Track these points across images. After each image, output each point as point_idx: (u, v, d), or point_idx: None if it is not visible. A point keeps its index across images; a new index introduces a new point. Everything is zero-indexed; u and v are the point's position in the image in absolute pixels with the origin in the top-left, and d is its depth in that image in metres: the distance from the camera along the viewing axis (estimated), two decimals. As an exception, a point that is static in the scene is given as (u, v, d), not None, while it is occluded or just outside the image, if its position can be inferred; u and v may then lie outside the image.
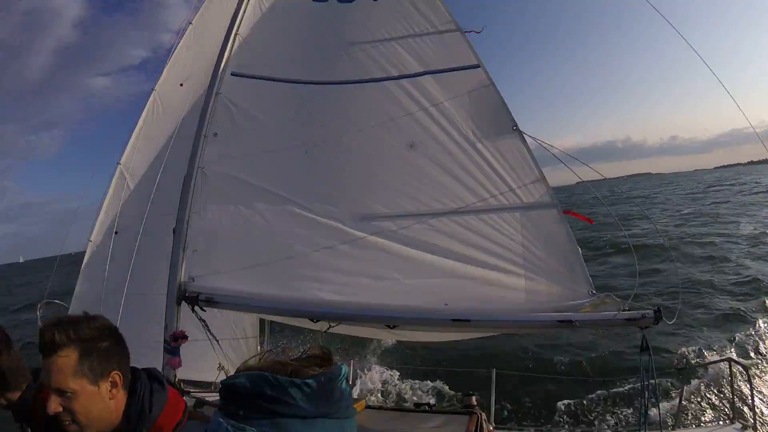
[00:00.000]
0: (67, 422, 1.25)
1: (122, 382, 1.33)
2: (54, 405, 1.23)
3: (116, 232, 3.47)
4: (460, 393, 4.05)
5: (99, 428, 1.31)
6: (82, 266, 4.07)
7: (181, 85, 3.69)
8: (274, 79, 2.96)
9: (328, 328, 2.73)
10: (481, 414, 2.94)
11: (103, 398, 1.29)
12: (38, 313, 3.67)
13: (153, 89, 3.70)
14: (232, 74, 2.96)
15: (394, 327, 2.59)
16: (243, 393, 0.78)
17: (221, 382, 0.95)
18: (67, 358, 1.24)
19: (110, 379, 1.30)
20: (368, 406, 3.22)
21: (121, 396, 1.33)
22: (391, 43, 2.95)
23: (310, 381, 0.78)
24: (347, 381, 0.87)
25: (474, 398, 3.24)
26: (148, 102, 3.65)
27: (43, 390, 1.32)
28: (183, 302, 2.80)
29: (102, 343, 1.29)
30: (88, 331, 1.28)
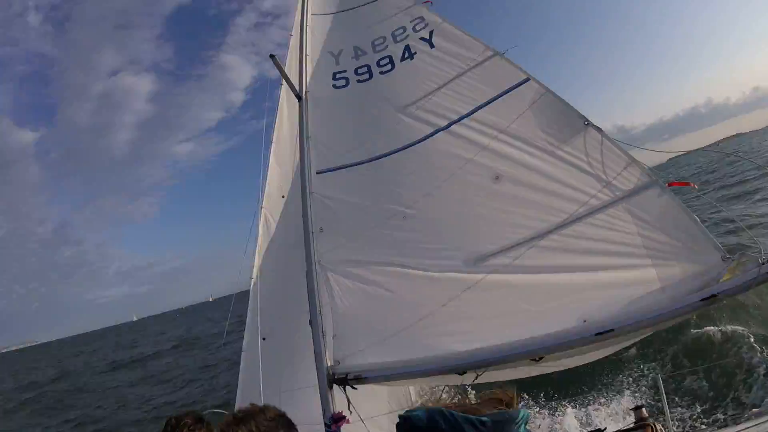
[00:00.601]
0: None
1: None
2: None
3: (263, 339, 3.85)
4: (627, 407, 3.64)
5: None
6: (240, 375, 4.54)
7: (283, 197, 4.19)
8: (352, 165, 3.25)
9: (476, 378, 2.69)
10: (655, 425, 2.74)
11: None
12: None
13: (261, 207, 4.24)
14: (318, 173, 3.31)
15: (539, 359, 2.49)
16: (419, 426, 0.84)
17: (401, 414, 1.02)
18: None
19: None
20: None
21: None
22: (441, 92, 3.11)
23: (485, 419, 0.81)
24: (526, 426, 0.87)
25: (643, 410, 3.05)
26: (261, 220, 4.18)
27: None
28: (334, 385, 3.00)
29: (279, 431, 1.47)
30: (265, 423, 1.47)
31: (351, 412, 2.97)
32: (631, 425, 3.07)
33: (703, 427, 5.04)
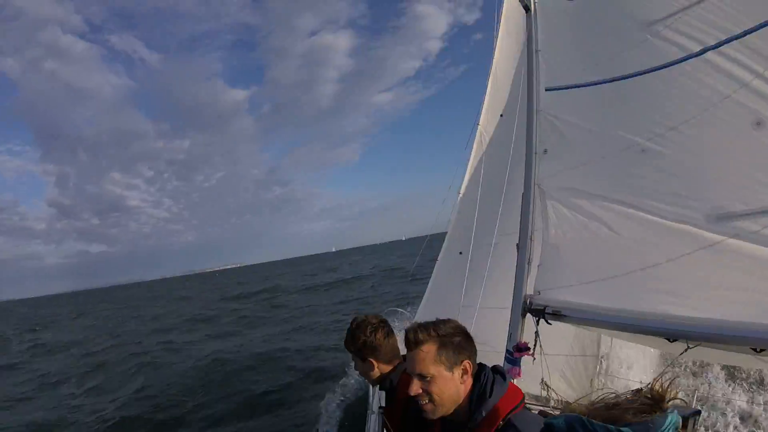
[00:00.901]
0: (425, 401, 1.57)
1: (471, 370, 1.61)
2: (416, 387, 1.57)
3: (460, 253, 3.97)
4: None
5: (448, 407, 1.59)
6: (430, 283, 4.85)
7: (501, 115, 4.00)
8: (586, 85, 2.82)
9: (685, 351, 2.27)
10: None
11: (455, 382, 1.58)
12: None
13: (477, 124, 4.16)
14: (546, 90, 2.99)
15: (761, 351, 1.95)
16: None
17: (544, 421, 1.02)
18: (428, 350, 1.56)
19: (462, 367, 1.58)
20: None
21: (468, 382, 1.60)
22: (698, 8, 2.34)
23: (625, 429, 0.76)
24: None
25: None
26: (476, 137, 4.12)
27: (406, 376, 1.76)
28: (528, 315, 2.92)
29: (455, 338, 1.60)
30: (444, 329, 1.60)
31: (537, 346, 2.88)
32: None
33: None
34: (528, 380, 3.35)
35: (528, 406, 3.04)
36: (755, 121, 2.05)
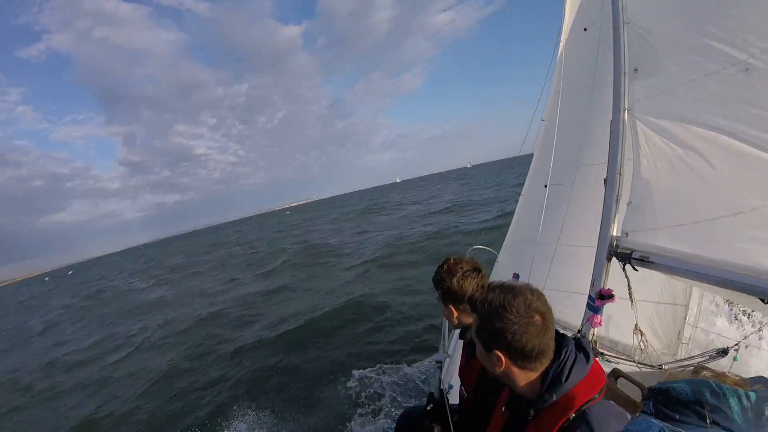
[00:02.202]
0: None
1: (506, 362, 1.41)
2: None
3: (546, 186, 3.67)
4: None
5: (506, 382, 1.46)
6: (513, 219, 4.63)
7: (585, 29, 3.40)
8: None
9: None
10: None
11: (492, 364, 1.44)
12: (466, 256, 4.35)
13: (558, 42, 3.62)
14: None
15: None
16: (681, 399, 0.80)
17: (654, 387, 0.96)
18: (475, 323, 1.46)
19: (495, 355, 1.41)
20: None
21: (512, 369, 1.41)
22: None
23: (751, 393, 0.72)
24: None
25: None
26: (558, 55, 3.61)
27: None
28: (613, 258, 2.66)
29: (493, 325, 1.40)
30: (486, 312, 1.42)
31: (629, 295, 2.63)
32: None
33: None
34: (611, 328, 3.15)
35: (608, 357, 2.90)
36: None
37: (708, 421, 0.76)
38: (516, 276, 3.75)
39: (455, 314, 2.25)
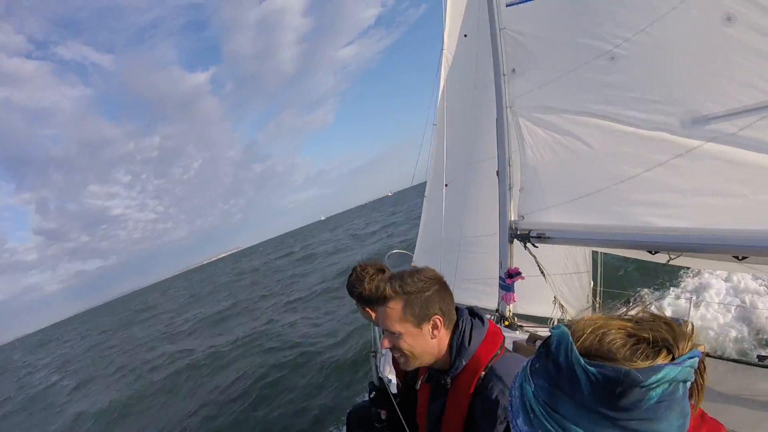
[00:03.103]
0: (397, 354, 1.53)
1: (443, 323, 1.51)
2: (386, 342, 1.53)
3: (446, 185, 3.90)
4: None
5: (424, 360, 1.53)
6: (422, 220, 4.85)
7: (465, 35, 3.75)
8: None
9: (668, 261, 2.29)
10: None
11: (425, 337, 1.50)
12: (385, 260, 4.46)
13: (442, 50, 3.91)
14: (508, 5, 2.77)
15: (743, 259, 1.98)
16: (549, 345, 0.74)
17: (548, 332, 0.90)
18: (394, 307, 1.49)
19: (431, 323, 1.49)
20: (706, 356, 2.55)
21: (443, 334, 1.52)
22: None
23: (592, 370, 0.66)
24: (672, 386, 0.65)
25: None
26: (442, 61, 3.89)
27: None
28: (515, 240, 2.95)
29: (425, 293, 1.49)
30: (412, 284, 1.49)
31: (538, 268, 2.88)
32: None
33: None
34: (527, 303, 3.46)
35: (526, 329, 3.18)
36: (725, 15, 1.91)
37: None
38: None
39: (374, 315, 2.37)
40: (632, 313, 0.74)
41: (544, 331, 3.15)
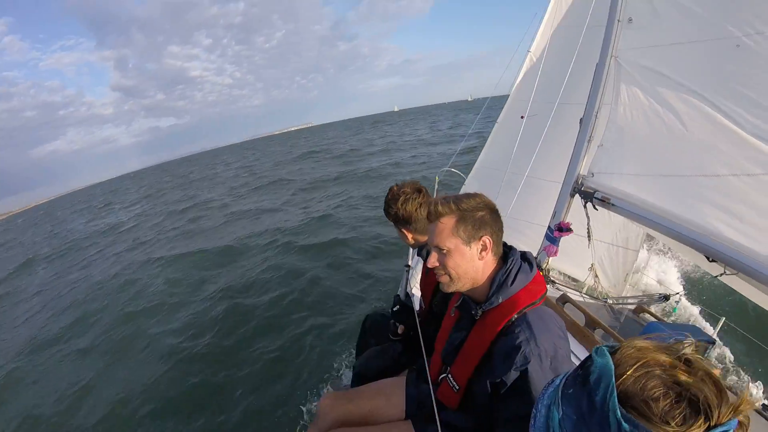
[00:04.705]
0: (442, 273, 1.57)
1: (492, 247, 1.52)
2: (432, 259, 1.56)
3: (522, 117, 3.77)
4: None
5: (465, 283, 1.55)
6: (486, 145, 4.76)
7: None
8: None
9: (720, 275, 2.16)
10: None
11: (472, 257, 1.52)
12: (436, 178, 4.34)
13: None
14: None
15: None
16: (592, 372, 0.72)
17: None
18: (446, 222, 1.52)
19: (481, 242, 1.52)
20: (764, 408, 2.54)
21: (490, 260, 1.54)
22: None
23: (626, 426, 0.64)
24: None
25: None
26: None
27: None
28: (577, 195, 2.92)
29: (478, 213, 1.52)
30: (467, 202, 1.53)
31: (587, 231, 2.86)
32: None
33: None
34: (564, 260, 3.51)
35: (558, 286, 3.27)
36: None
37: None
38: None
39: (409, 236, 2.46)
40: (686, 350, 0.69)
41: (575, 295, 3.23)
